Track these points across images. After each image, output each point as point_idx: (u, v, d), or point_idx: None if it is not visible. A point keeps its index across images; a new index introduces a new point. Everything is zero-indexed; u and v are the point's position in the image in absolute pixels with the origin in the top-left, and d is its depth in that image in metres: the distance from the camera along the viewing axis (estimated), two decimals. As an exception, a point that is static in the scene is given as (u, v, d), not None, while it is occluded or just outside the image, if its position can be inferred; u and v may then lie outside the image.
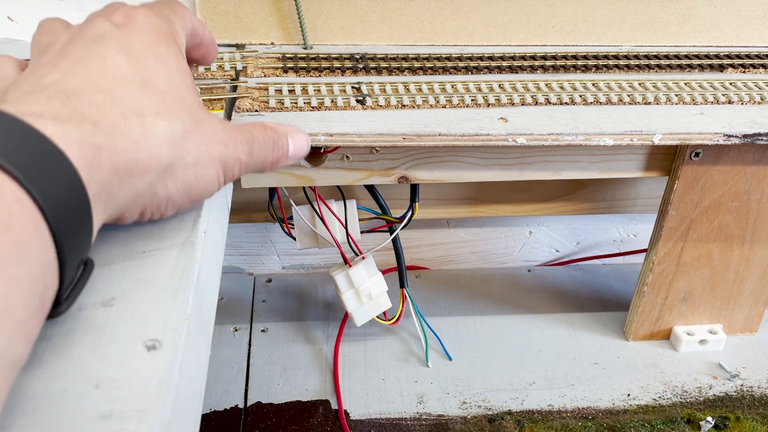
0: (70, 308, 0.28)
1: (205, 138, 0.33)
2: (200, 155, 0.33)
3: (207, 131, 0.34)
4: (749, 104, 0.52)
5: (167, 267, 0.32)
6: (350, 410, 0.56)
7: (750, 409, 0.57)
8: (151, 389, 0.26)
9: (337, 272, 0.58)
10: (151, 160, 0.30)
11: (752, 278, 0.60)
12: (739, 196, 0.54)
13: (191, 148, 0.32)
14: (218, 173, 0.35)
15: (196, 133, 0.33)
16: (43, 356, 0.27)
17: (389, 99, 0.48)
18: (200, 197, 0.35)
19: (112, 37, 0.32)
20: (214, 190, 0.35)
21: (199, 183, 0.34)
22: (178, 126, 0.32)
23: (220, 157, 0.34)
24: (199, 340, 0.33)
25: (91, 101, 0.29)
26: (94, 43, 0.32)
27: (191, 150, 0.32)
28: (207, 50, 0.43)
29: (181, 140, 0.32)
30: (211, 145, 0.34)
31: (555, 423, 0.55)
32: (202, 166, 0.33)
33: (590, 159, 0.52)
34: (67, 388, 0.26)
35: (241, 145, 0.36)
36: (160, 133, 0.31)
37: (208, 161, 0.34)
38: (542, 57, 0.57)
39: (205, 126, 0.34)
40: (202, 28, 0.41)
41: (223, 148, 0.34)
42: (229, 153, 0.35)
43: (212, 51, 0.43)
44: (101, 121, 0.28)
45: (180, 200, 0.33)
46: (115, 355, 0.27)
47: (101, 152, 0.27)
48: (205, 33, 0.42)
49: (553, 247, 0.77)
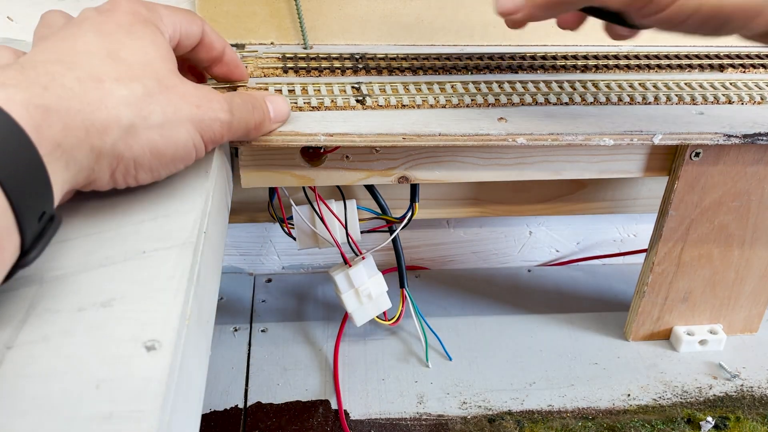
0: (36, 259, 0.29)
1: (172, 99, 0.34)
2: (166, 116, 0.34)
3: (175, 93, 0.35)
4: (749, 104, 0.52)
5: (167, 267, 0.32)
6: (350, 410, 0.56)
7: (750, 410, 0.57)
8: (150, 390, 0.26)
9: (336, 272, 0.58)
10: (109, 120, 0.31)
11: (752, 278, 0.60)
12: (739, 196, 0.54)
13: (155, 108, 0.33)
14: (190, 133, 0.35)
15: (160, 96, 0.34)
16: (45, 357, 0.27)
17: (389, 99, 0.48)
18: (173, 160, 0.36)
19: (90, 20, 0.35)
20: (189, 152, 0.36)
21: (168, 144, 0.34)
22: (138, 89, 0.33)
23: (191, 116, 0.35)
24: (199, 340, 0.33)
25: (47, 71, 0.30)
26: (74, 26, 0.34)
27: (155, 110, 0.33)
28: (230, 69, 0.45)
29: (142, 102, 0.33)
30: (180, 105, 0.35)
31: (555, 423, 0.55)
32: (169, 127, 0.34)
33: (590, 159, 0.52)
34: (66, 389, 0.26)
35: (218, 104, 0.37)
36: (117, 95, 0.32)
37: (175, 121, 0.34)
38: (542, 57, 0.57)
39: (175, 89, 0.35)
40: (219, 43, 0.43)
41: (195, 109, 0.35)
42: (202, 113, 0.36)
43: (236, 70, 0.45)
44: (51, 84, 0.30)
45: (149, 162, 0.34)
46: (115, 355, 0.27)
47: (50, 113, 0.29)
48: (226, 50, 0.44)
49: (553, 247, 0.77)
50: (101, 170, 0.33)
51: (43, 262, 0.32)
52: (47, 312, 0.29)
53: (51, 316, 0.29)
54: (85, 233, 0.34)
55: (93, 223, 0.35)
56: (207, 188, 0.38)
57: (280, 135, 0.44)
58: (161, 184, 0.37)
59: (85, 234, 0.34)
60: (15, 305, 0.29)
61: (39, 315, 0.29)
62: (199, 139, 0.36)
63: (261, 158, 0.48)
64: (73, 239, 0.33)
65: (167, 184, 0.37)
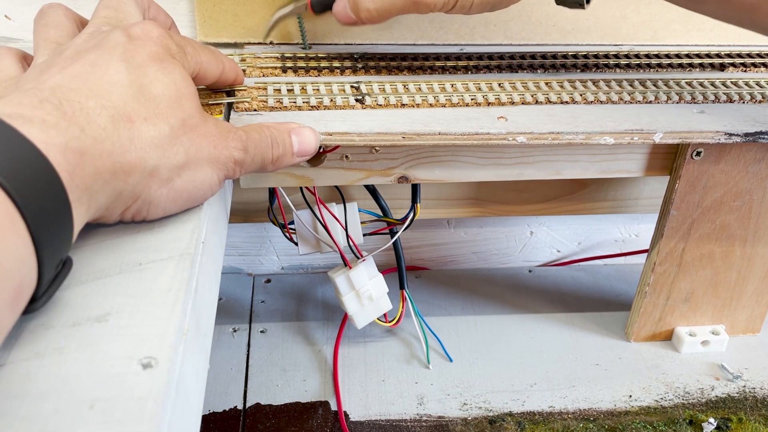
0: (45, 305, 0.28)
1: (195, 140, 0.34)
2: (188, 157, 0.34)
3: (198, 133, 0.35)
4: (750, 103, 0.51)
5: (164, 280, 0.31)
6: (350, 412, 0.55)
7: (752, 411, 0.57)
8: (146, 410, 0.25)
9: (337, 274, 0.58)
10: (136, 162, 0.31)
11: (755, 278, 0.59)
12: (741, 195, 0.54)
13: (179, 150, 0.33)
14: (207, 174, 0.35)
15: (184, 137, 0.34)
16: (37, 375, 0.26)
17: (389, 98, 0.48)
18: (188, 200, 0.35)
19: (123, 47, 0.34)
20: (207, 192, 0.36)
21: (187, 186, 0.34)
22: (165, 129, 0.33)
23: (209, 157, 0.35)
24: (197, 355, 0.31)
25: (82, 107, 0.30)
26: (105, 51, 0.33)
27: (179, 152, 0.33)
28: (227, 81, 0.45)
29: (167, 143, 0.33)
30: (201, 146, 0.35)
31: (556, 424, 0.55)
32: (191, 168, 0.34)
33: (591, 158, 0.52)
34: (59, 409, 0.25)
35: (233, 143, 0.37)
36: (146, 136, 0.32)
37: (196, 163, 0.34)
38: (542, 56, 0.56)
39: (197, 129, 0.35)
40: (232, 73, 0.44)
41: (212, 148, 0.35)
42: (218, 152, 0.36)
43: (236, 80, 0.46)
44: (88, 126, 0.29)
45: (164, 204, 0.34)
46: (110, 373, 0.26)
47: (85, 157, 0.29)
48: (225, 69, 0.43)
49: (554, 247, 0.77)
50: (114, 209, 0.33)
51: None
52: (40, 328, 0.28)
53: (44, 332, 0.28)
54: (79, 245, 0.33)
55: (87, 234, 0.34)
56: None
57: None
58: None
59: (79, 246, 0.33)
60: None
61: (32, 331, 0.28)
62: (216, 180, 0.36)
63: (260, 158, 0.48)
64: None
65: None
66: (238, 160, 0.37)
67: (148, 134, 0.32)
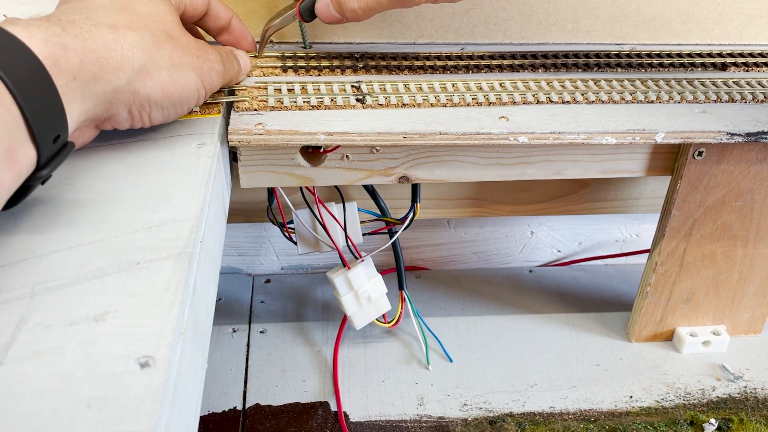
0: (50, 175, 0.33)
1: (177, 48, 0.40)
2: (172, 61, 0.39)
3: (180, 44, 0.40)
4: (752, 102, 0.51)
5: (162, 279, 0.31)
6: (350, 412, 0.55)
7: (753, 411, 0.56)
8: (144, 409, 0.25)
9: (335, 275, 0.57)
10: (123, 60, 0.36)
11: (756, 279, 0.59)
12: (742, 195, 0.54)
13: (163, 54, 0.38)
14: (195, 79, 0.41)
15: (167, 44, 0.39)
16: (33, 374, 0.26)
17: (389, 98, 0.48)
18: (180, 100, 0.40)
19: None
20: (194, 94, 0.41)
21: (177, 85, 0.39)
22: (148, 36, 0.38)
23: (193, 64, 0.41)
24: (195, 355, 0.31)
25: (68, 19, 0.35)
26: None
27: (163, 56, 0.38)
28: (236, 38, 0.50)
29: (151, 48, 0.38)
30: (183, 53, 0.40)
31: (557, 425, 0.54)
32: (176, 69, 0.39)
33: (592, 158, 0.51)
34: (57, 408, 0.25)
35: (213, 56, 0.43)
36: (130, 39, 0.37)
37: (180, 66, 0.40)
38: (543, 55, 0.56)
39: (179, 40, 0.40)
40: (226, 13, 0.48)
41: (195, 58, 0.41)
42: (201, 62, 0.41)
43: (243, 41, 0.50)
44: (70, 27, 0.34)
45: (161, 101, 0.39)
46: (108, 372, 0.26)
47: (68, 51, 0.33)
48: (232, 21, 0.49)
49: (554, 247, 0.77)
50: (119, 105, 0.37)
51: (34, 275, 0.31)
52: (38, 327, 0.28)
53: (42, 331, 0.28)
54: (77, 243, 0.33)
55: (85, 232, 0.34)
56: (203, 195, 0.37)
57: (279, 134, 0.44)
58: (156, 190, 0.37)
59: (77, 244, 0.33)
60: (4, 320, 0.28)
61: (30, 330, 0.28)
62: (201, 84, 0.41)
63: (260, 158, 0.48)
64: (65, 249, 0.32)
65: (162, 190, 0.37)
66: (219, 71, 0.43)
67: (132, 38, 0.37)
